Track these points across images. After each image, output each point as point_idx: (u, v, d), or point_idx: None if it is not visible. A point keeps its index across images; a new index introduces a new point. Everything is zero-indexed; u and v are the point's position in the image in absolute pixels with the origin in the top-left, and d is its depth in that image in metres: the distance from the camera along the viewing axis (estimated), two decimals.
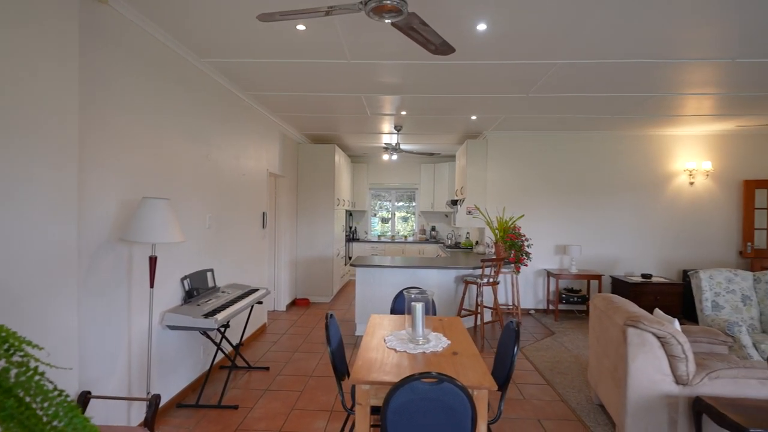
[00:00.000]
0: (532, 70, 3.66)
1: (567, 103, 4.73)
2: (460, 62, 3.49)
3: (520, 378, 3.92)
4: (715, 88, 4.16)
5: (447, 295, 5.30)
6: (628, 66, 3.51)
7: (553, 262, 6.45)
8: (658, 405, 2.57)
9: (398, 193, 10.18)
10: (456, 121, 5.77)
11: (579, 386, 3.72)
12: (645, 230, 6.37)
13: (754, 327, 4.04)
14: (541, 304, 6.47)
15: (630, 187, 6.36)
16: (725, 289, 4.15)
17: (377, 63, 3.55)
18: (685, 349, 2.52)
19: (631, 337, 2.62)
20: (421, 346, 2.35)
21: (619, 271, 6.39)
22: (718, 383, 2.51)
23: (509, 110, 5.11)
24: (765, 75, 3.71)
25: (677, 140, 6.31)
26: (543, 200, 6.44)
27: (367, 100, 4.74)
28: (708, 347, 3.19)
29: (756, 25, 2.75)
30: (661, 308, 5.72)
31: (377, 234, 10.07)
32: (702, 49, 3.15)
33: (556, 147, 6.42)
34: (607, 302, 3.16)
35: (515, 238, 5.44)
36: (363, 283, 5.15)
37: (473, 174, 6.58)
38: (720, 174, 6.24)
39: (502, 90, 4.30)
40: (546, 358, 4.45)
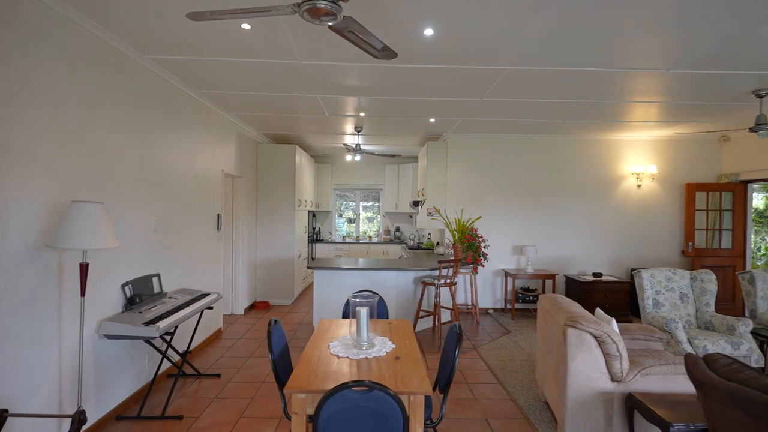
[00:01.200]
0: (484, 75, 3.72)
1: (520, 108, 4.85)
2: (413, 66, 3.51)
3: (473, 378, 3.99)
4: (655, 97, 4.37)
5: (406, 296, 5.33)
6: (574, 73, 3.63)
7: (510, 262, 6.61)
8: (595, 402, 2.67)
9: (363, 193, 10.16)
10: (415, 123, 5.80)
11: (528, 384, 3.82)
12: (597, 231, 6.63)
13: (690, 323, 4.28)
14: (499, 303, 6.61)
15: (583, 189, 6.61)
16: (665, 288, 4.37)
17: (330, 64, 3.51)
18: (619, 347, 2.63)
19: (571, 337, 2.70)
20: (364, 351, 2.34)
21: (573, 271, 6.62)
22: (649, 379, 2.63)
23: (466, 113, 5.19)
24: (697, 86, 3.93)
25: (626, 145, 6.60)
26: (501, 202, 6.58)
27: (324, 101, 4.69)
28: (645, 344, 3.35)
29: (689, 39, 2.90)
30: (610, 305, 5.98)
31: (342, 234, 10.02)
32: (641, 59, 3.30)
33: (513, 150, 6.58)
34: (551, 302, 3.26)
35: (472, 239, 5.53)
36: (321, 285, 5.09)
37: (434, 176, 6.65)
38: (664, 177, 6.58)
39: (458, 94, 4.36)
40: (500, 357, 4.54)
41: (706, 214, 6.45)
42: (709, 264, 6.33)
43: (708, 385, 1.64)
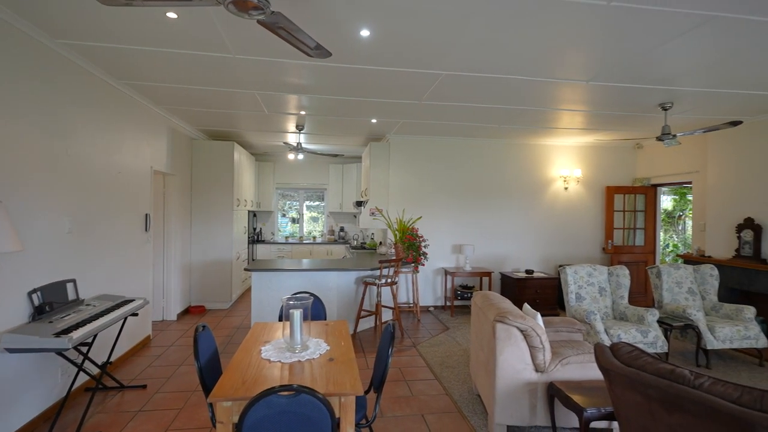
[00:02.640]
0: (421, 78, 3.80)
1: (457, 112, 5.02)
2: (353, 66, 3.51)
3: (412, 375, 4.06)
4: (578, 106, 4.71)
5: (347, 297, 5.31)
6: (505, 81, 3.82)
7: (450, 260, 6.82)
8: (521, 392, 2.83)
9: (307, 193, 10.01)
10: (358, 123, 5.81)
11: (464, 378, 3.96)
12: (529, 230, 7.03)
13: (608, 314, 4.67)
14: (439, 301, 6.80)
15: (517, 190, 6.97)
16: (586, 282, 4.73)
17: (266, 60, 3.42)
18: (542, 340, 2.80)
19: (499, 332, 2.84)
20: (297, 354, 2.30)
21: (508, 268, 6.97)
22: (568, 368, 2.83)
23: (406, 115, 5.28)
24: (614, 97, 4.29)
25: (555, 150, 7.06)
26: (441, 202, 6.77)
27: (262, 97, 4.55)
28: (567, 335, 3.60)
29: (605, 54, 3.15)
30: (541, 300, 6.36)
31: (286, 235, 9.79)
32: (564, 71, 3.54)
33: (453, 152, 6.80)
34: (484, 299, 3.40)
35: (413, 239, 5.64)
36: (259, 288, 4.94)
37: (376, 176, 6.70)
38: (588, 181, 7.12)
39: (398, 96, 4.42)
40: (438, 353, 4.67)
41: (623, 214, 7.07)
42: (626, 260, 6.94)
43: (612, 371, 1.79)
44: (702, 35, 2.79)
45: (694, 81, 3.77)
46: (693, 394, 1.50)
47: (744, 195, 5.22)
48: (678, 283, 4.85)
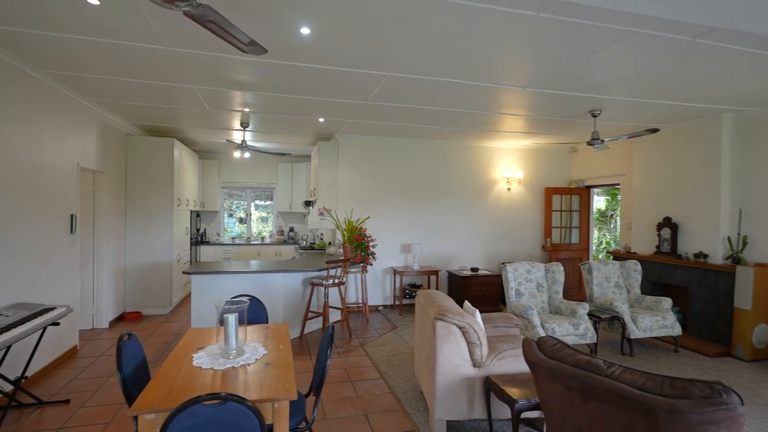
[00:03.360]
0: (366, 79, 3.81)
1: (404, 113, 5.08)
2: (296, 64, 3.44)
3: (358, 375, 4.06)
4: (518, 110, 4.93)
5: (294, 298, 5.22)
6: (448, 84, 3.91)
7: (399, 260, 6.90)
8: (459, 387, 2.91)
9: (255, 192, 9.72)
10: (305, 122, 5.72)
11: (408, 376, 4.02)
12: (475, 229, 7.27)
13: (545, 309, 4.92)
14: (388, 300, 6.86)
15: (463, 191, 7.18)
16: (525, 279, 4.96)
17: (203, 54, 3.27)
18: (480, 336, 2.90)
19: (439, 329, 2.91)
20: (231, 360, 2.22)
21: (455, 266, 7.16)
22: (504, 362, 2.96)
23: (354, 115, 5.27)
24: (549, 103, 4.53)
25: (498, 152, 7.35)
26: (390, 202, 6.83)
27: (202, 93, 4.36)
28: (506, 330, 3.75)
29: (540, 61, 3.31)
30: (485, 297, 6.60)
31: (233, 235, 9.45)
32: (503, 76, 3.69)
33: (401, 153, 6.88)
34: (426, 298, 3.47)
35: (361, 239, 5.64)
36: (200, 291, 4.73)
37: (325, 175, 6.63)
38: (529, 182, 7.48)
39: (344, 95, 4.40)
40: (385, 352, 4.71)
41: (561, 214, 7.50)
42: (563, 257, 7.36)
43: (537, 364, 1.89)
44: (623, 49, 3.01)
45: (619, 90, 4.07)
46: (605, 383, 1.61)
47: (663, 196, 5.71)
48: (607, 278, 5.22)
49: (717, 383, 1.44)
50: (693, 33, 2.71)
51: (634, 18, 2.49)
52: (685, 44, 2.90)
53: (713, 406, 1.38)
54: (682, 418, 1.41)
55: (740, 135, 4.93)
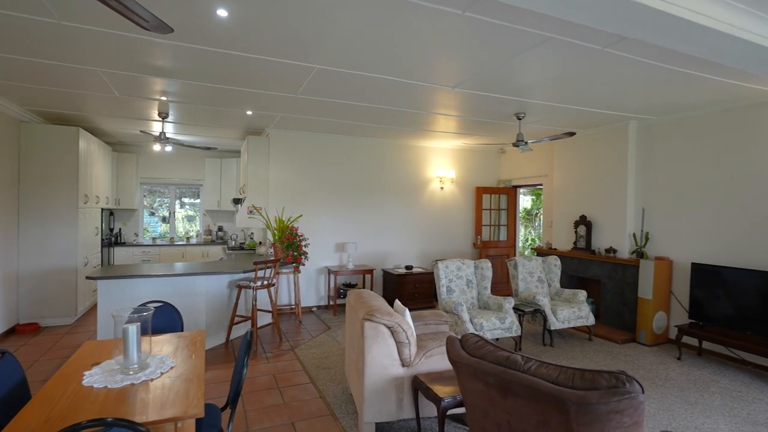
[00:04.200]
0: (295, 71, 3.64)
1: (336, 108, 4.96)
2: (215, 50, 3.18)
3: (286, 381, 3.88)
4: (450, 111, 5.02)
5: (219, 302, 4.89)
6: (379, 80, 3.85)
7: (333, 259, 6.77)
8: (388, 388, 2.87)
9: (180, 189, 9.05)
10: (232, 114, 5.38)
11: (339, 379, 3.92)
12: (409, 227, 7.33)
13: (474, 305, 5.07)
14: (323, 300, 6.70)
15: (398, 189, 7.22)
16: (456, 276, 5.07)
17: (105, 32, 2.91)
18: (408, 335, 2.88)
19: (367, 330, 2.84)
20: (131, 376, 1.98)
21: (389, 264, 7.17)
22: (432, 360, 2.96)
23: (284, 109, 5.05)
24: (478, 105, 4.66)
25: (432, 152, 7.48)
26: (324, 200, 6.68)
27: (109, 77, 3.90)
28: (436, 327, 3.78)
29: (466, 62, 3.36)
30: (419, 294, 6.68)
31: (154, 236, 8.71)
32: (433, 75, 3.70)
33: (336, 150, 6.75)
34: (357, 298, 3.39)
35: (292, 238, 5.44)
36: (108, 299, 4.25)
37: (255, 172, 6.32)
38: (461, 181, 7.70)
39: (273, 87, 4.18)
40: (316, 355, 4.56)
41: (490, 212, 7.81)
42: (492, 253, 7.68)
43: (459, 363, 1.88)
44: (541, 54, 3.14)
45: (541, 95, 4.28)
46: (521, 378, 1.63)
47: (580, 196, 6.15)
48: (530, 273, 5.50)
49: (622, 373, 1.51)
50: (603, 42, 2.90)
51: (551, 23, 2.60)
52: (597, 53, 3.09)
53: (618, 396, 1.44)
54: (591, 409, 1.45)
55: (643, 141, 5.43)
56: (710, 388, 3.82)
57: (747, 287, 4.21)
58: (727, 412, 3.37)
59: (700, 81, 3.73)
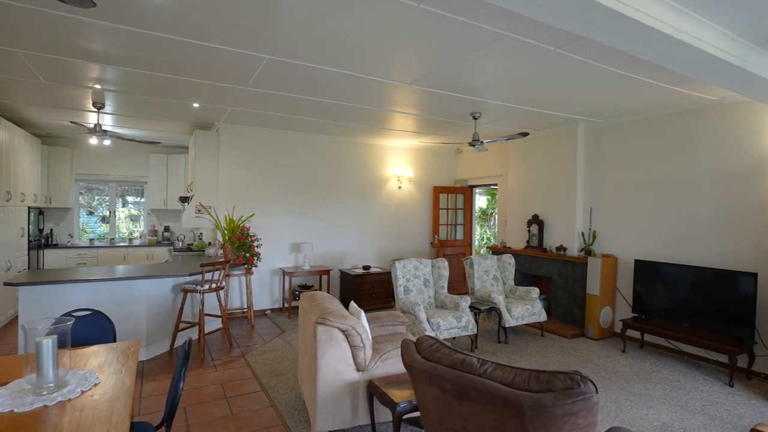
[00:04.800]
0: (244, 60, 3.43)
1: (289, 103, 4.76)
2: (155, 34, 2.92)
3: (235, 390, 3.66)
4: (407, 109, 4.97)
5: (162, 308, 4.56)
6: (333, 74, 3.71)
7: (288, 260, 6.54)
8: (342, 394, 2.75)
9: (122, 187, 8.42)
10: (177, 106, 5.04)
11: (293, 385, 3.74)
12: (367, 226, 7.23)
13: (431, 304, 5.05)
14: (277, 303, 6.46)
15: (355, 188, 7.09)
16: (413, 275, 5.02)
17: (20, 6, 2.58)
18: (363, 338, 2.78)
19: (320, 334, 2.71)
20: (45, 397, 1.73)
21: (347, 265, 7.04)
22: (388, 363, 2.87)
23: (234, 102, 4.78)
24: (435, 103, 4.63)
25: (389, 150, 7.42)
26: (279, 199, 6.43)
27: (30, 59, 3.50)
28: (392, 329, 3.71)
29: (424, 58, 3.30)
30: (376, 294, 6.59)
31: (92, 237, 8.04)
32: (389, 70, 3.61)
33: (291, 147, 6.52)
34: (310, 301, 3.24)
35: (244, 238, 5.17)
36: (30, 307, 3.82)
37: (204, 169, 5.97)
38: (418, 180, 7.70)
39: (221, 78, 3.93)
40: (269, 361, 4.36)
41: (447, 212, 7.87)
42: (449, 252, 7.74)
43: (413, 367, 1.80)
44: (496, 53, 3.14)
45: (496, 95, 4.31)
46: (477, 382, 1.57)
47: (532, 195, 6.31)
48: (486, 271, 5.56)
49: (576, 374, 1.48)
50: (556, 43, 2.94)
51: (506, 20, 2.59)
52: (550, 54, 3.13)
53: (573, 398, 1.40)
54: (547, 413, 1.41)
55: (591, 142, 5.65)
56: (652, 379, 4.00)
57: (683, 282, 4.46)
58: (668, 402, 3.54)
59: (644, 86, 3.90)
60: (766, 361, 4.02)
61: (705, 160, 4.50)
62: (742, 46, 2.56)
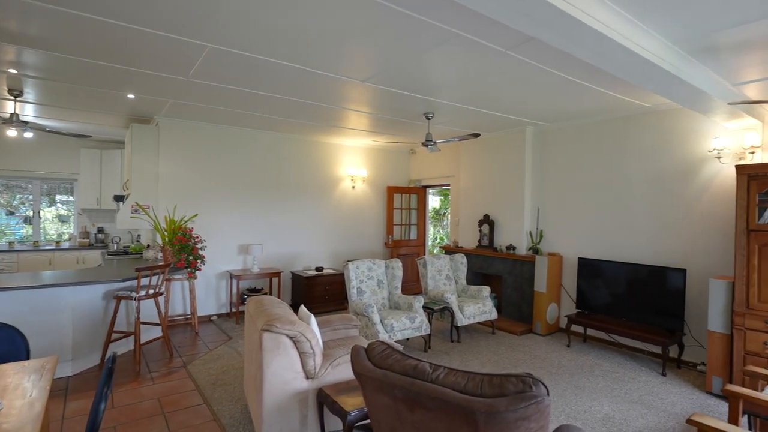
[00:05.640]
0: (184, 48, 3.18)
1: (235, 97, 4.51)
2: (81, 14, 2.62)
3: (174, 404, 3.39)
4: (361, 107, 4.87)
5: (92, 318, 4.15)
6: (282, 67, 3.54)
7: (236, 262, 6.23)
8: (290, 404, 2.60)
9: (49, 184, 7.65)
10: (110, 97, 4.62)
11: (239, 396, 3.53)
12: (320, 227, 7.06)
13: (385, 305, 4.99)
14: (224, 308, 6.13)
15: (307, 187, 6.90)
16: (367, 276, 4.94)
17: None
18: (312, 344, 2.65)
19: (266, 342, 2.55)
20: None
21: (299, 266, 6.83)
22: (339, 369, 2.76)
23: (175, 94, 4.46)
24: (388, 102, 4.57)
25: (343, 149, 7.29)
26: (226, 199, 6.11)
27: None
28: (345, 332, 3.60)
29: (377, 55, 3.22)
30: (330, 297, 6.45)
31: (13, 239, 7.23)
32: (341, 66, 3.50)
33: (239, 143, 6.22)
34: (257, 306, 3.06)
35: (185, 240, 4.84)
36: None
37: (141, 165, 5.54)
38: (372, 180, 7.64)
39: (159, 68, 3.63)
40: (213, 370, 4.10)
41: (401, 212, 7.87)
42: (403, 252, 7.74)
43: (364, 376, 1.71)
44: (449, 51, 3.13)
45: (448, 95, 4.32)
46: (429, 389, 1.51)
47: (483, 196, 6.44)
48: (439, 271, 5.59)
49: (528, 376, 1.46)
50: (507, 44, 2.96)
51: (458, 19, 2.57)
52: (501, 55, 3.16)
53: (525, 402, 1.38)
54: (499, 418, 1.37)
55: (539, 145, 5.85)
56: (594, 372, 4.19)
57: (621, 278, 4.72)
58: (609, 393, 3.70)
59: (587, 91, 4.06)
60: (694, 351, 4.33)
61: (640, 164, 4.78)
62: (677, 54, 2.70)
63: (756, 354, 3.45)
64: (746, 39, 2.59)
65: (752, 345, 3.47)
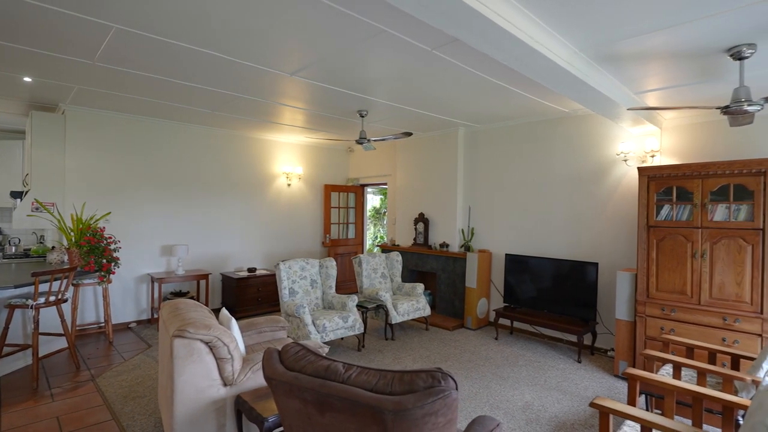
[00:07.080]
0: (87, 27, 2.86)
1: (150, 85, 4.16)
2: None
3: (76, 423, 3.06)
4: (294, 102, 4.71)
5: None
6: (200, 54, 3.31)
7: (159, 264, 5.79)
8: (206, 414, 2.44)
9: None
10: (1, 79, 4.08)
11: (153, 409, 3.27)
12: (253, 226, 6.78)
13: (318, 305, 4.89)
14: (144, 314, 5.67)
15: (239, 185, 6.59)
16: (300, 276, 4.81)
17: None
18: (230, 349, 2.50)
19: (178, 349, 2.37)
20: None
21: (230, 267, 6.51)
22: (259, 374, 2.64)
23: (81, 80, 4.03)
24: (321, 98, 4.47)
25: (278, 146, 7.06)
26: (147, 196, 5.65)
27: None
28: (272, 335, 3.46)
29: (306, 47, 3.11)
30: (263, 298, 6.21)
31: None
32: (267, 57, 3.35)
33: (162, 136, 5.79)
34: (170, 311, 2.84)
35: (95, 241, 4.41)
36: None
37: (44, 158, 4.96)
38: (309, 178, 7.47)
39: (61, 49, 3.25)
40: (126, 382, 3.76)
41: (339, 210, 7.78)
42: (341, 251, 7.66)
43: (273, 380, 1.63)
44: (376, 48, 3.10)
45: (380, 93, 4.31)
46: (339, 390, 1.46)
47: (418, 195, 6.54)
48: (374, 269, 5.59)
49: (437, 371, 1.46)
50: (433, 44, 3.00)
51: (384, 14, 2.55)
52: (427, 55, 3.20)
53: (432, 397, 1.37)
54: (407, 415, 1.36)
55: (470, 145, 6.05)
56: (518, 362, 4.40)
57: (544, 273, 5.01)
58: (530, 382, 3.90)
59: (511, 94, 4.25)
60: (605, 339, 4.70)
61: (560, 165, 5.11)
62: (584, 61, 2.89)
63: (654, 338, 3.80)
64: (642, 50, 2.83)
65: (651, 330, 3.83)
